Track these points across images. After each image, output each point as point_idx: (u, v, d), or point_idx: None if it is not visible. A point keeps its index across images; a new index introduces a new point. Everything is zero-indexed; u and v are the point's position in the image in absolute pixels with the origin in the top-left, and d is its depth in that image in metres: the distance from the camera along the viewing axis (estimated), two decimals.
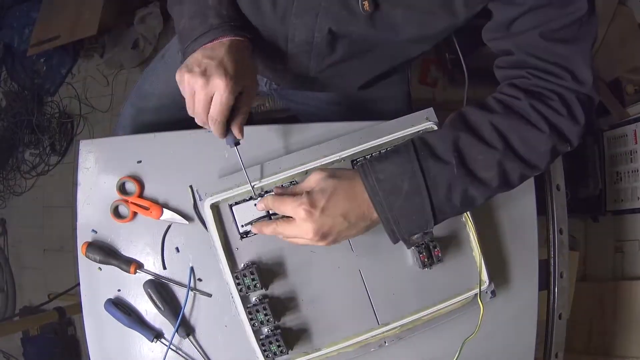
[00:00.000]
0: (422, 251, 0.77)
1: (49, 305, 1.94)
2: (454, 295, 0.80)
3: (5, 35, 2.29)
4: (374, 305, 0.80)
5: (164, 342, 0.80)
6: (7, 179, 2.22)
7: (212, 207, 0.76)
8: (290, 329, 0.78)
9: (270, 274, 0.78)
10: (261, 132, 0.84)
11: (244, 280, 0.75)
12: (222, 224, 0.78)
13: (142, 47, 2.07)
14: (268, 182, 0.77)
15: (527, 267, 0.87)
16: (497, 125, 0.63)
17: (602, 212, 1.62)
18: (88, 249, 0.80)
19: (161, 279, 0.80)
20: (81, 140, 0.85)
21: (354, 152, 0.78)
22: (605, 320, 1.50)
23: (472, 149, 0.63)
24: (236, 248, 0.78)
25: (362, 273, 0.80)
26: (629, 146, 1.54)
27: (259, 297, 0.77)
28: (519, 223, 0.87)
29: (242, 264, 0.78)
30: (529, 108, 0.63)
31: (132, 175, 0.82)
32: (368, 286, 0.80)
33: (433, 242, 0.78)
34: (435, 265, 0.78)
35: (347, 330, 0.79)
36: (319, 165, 0.78)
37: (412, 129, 0.80)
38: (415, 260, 0.79)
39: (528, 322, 0.86)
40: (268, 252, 0.79)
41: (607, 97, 1.64)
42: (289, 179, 0.78)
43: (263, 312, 0.74)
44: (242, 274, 0.75)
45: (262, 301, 0.75)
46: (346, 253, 0.80)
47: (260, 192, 0.77)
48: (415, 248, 0.78)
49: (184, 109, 0.69)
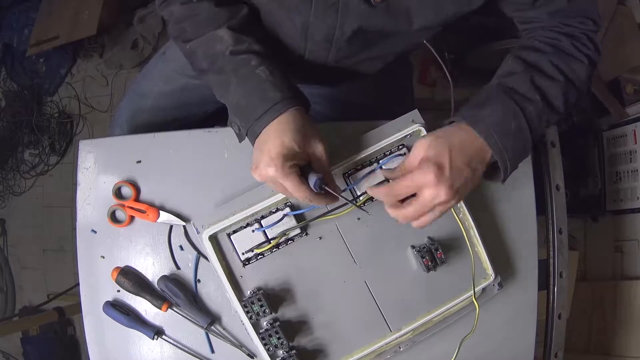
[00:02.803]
0: (425, 255, 0.77)
1: (48, 306, 1.95)
2: (461, 292, 0.80)
3: (4, 36, 2.29)
4: (384, 314, 0.80)
5: (165, 339, 0.80)
6: (7, 179, 2.22)
7: (210, 238, 0.76)
8: (305, 348, 0.78)
9: (278, 297, 0.78)
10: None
11: (253, 307, 0.74)
12: (223, 254, 0.78)
13: (141, 47, 2.07)
14: (263, 207, 0.76)
15: (527, 266, 0.87)
16: (553, 61, 0.75)
17: (602, 212, 1.62)
18: (120, 274, 0.79)
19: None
20: (80, 140, 0.85)
21: (345, 165, 0.78)
22: (604, 320, 1.50)
23: (542, 82, 0.73)
24: (240, 276, 0.78)
25: (368, 284, 0.80)
26: (628, 146, 1.54)
27: (269, 321, 0.77)
28: (518, 223, 0.87)
29: (249, 291, 0.77)
30: (571, 46, 0.77)
31: (127, 179, 0.82)
32: (376, 296, 0.80)
33: (435, 245, 0.78)
34: (440, 267, 0.78)
35: (361, 341, 0.79)
36: None
37: (399, 134, 0.79)
38: (419, 265, 0.79)
39: (528, 322, 0.86)
40: (273, 276, 0.78)
41: (606, 97, 1.65)
42: (283, 201, 0.77)
43: (276, 336, 0.74)
44: (249, 301, 0.75)
45: (273, 325, 0.75)
46: (350, 266, 0.80)
47: (257, 218, 0.77)
48: (417, 253, 0.78)
49: (182, 107, 0.69)
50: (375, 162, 0.79)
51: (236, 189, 0.80)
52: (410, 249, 0.80)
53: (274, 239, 0.76)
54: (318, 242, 0.79)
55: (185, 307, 0.79)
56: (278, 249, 0.78)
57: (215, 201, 0.81)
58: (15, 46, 2.26)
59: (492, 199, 0.86)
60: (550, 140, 0.94)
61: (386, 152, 0.80)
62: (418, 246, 0.79)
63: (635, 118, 1.54)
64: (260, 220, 0.77)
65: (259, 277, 0.78)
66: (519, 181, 0.87)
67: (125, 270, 0.80)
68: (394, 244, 0.80)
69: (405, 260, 0.81)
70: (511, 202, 0.87)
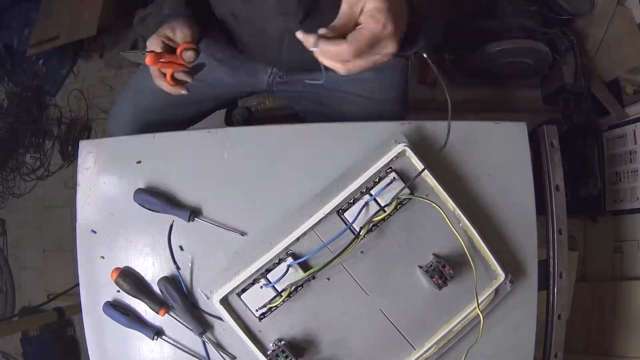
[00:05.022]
0: (434, 275, 0.77)
1: (48, 306, 1.94)
2: (478, 295, 0.80)
3: (4, 36, 2.29)
4: (405, 335, 0.80)
5: (165, 340, 0.80)
6: (7, 180, 2.22)
7: (221, 302, 0.77)
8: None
9: (301, 344, 0.79)
10: (259, 134, 0.84)
11: (278, 359, 0.75)
12: (237, 314, 0.78)
13: (141, 47, 2.07)
14: (265, 261, 0.77)
15: (527, 267, 0.87)
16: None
17: (602, 213, 1.62)
18: (119, 276, 0.79)
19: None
20: (80, 140, 0.85)
21: (337, 203, 0.78)
22: (604, 321, 1.50)
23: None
24: (259, 331, 0.79)
25: (383, 311, 0.80)
26: (628, 146, 1.54)
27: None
28: (518, 223, 0.87)
29: (271, 344, 0.78)
30: None
31: None
32: (394, 320, 0.81)
33: (441, 262, 0.78)
34: (450, 281, 0.78)
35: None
36: (308, 228, 0.78)
37: (384, 159, 0.79)
38: (430, 284, 0.79)
39: (527, 322, 0.86)
40: (291, 324, 0.79)
41: (606, 97, 1.65)
42: (284, 251, 0.78)
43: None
44: (274, 354, 0.76)
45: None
46: (362, 298, 0.80)
47: (262, 272, 0.78)
48: (425, 273, 0.78)
49: (181, 107, 0.69)
50: (367, 193, 0.79)
51: (236, 189, 0.80)
52: (418, 269, 0.80)
53: (284, 291, 0.77)
54: (327, 284, 0.80)
55: (181, 312, 0.79)
56: (290, 297, 0.78)
57: (215, 201, 0.81)
58: (16, 47, 2.26)
59: (492, 199, 0.86)
60: (550, 141, 0.94)
61: (375, 179, 0.80)
62: (425, 266, 0.79)
63: (635, 118, 1.54)
64: (266, 274, 0.77)
65: (277, 328, 0.79)
66: (518, 181, 0.87)
67: (125, 272, 0.80)
68: (401, 268, 0.81)
69: (415, 281, 0.81)
70: (511, 203, 0.87)
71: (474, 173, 0.84)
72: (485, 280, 0.81)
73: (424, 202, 0.80)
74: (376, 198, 0.78)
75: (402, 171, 0.81)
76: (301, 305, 0.79)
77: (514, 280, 0.83)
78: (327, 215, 0.79)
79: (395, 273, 0.81)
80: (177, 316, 0.79)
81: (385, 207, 0.78)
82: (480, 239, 0.80)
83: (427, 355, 0.80)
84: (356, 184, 0.78)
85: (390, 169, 0.80)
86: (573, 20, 1.68)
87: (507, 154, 0.87)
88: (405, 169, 0.81)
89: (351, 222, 0.78)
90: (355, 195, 0.79)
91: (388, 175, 0.80)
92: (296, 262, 0.77)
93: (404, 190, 0.79)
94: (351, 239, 0.77)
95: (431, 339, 0.80)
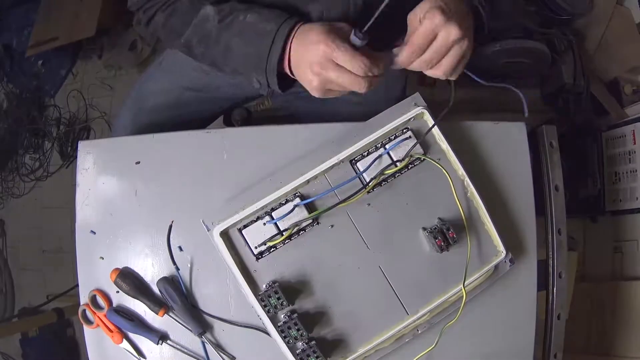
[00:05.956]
0: (437, 236, 0.77)
1: (47, 307, 1.94)
2: (475, 271, 0.80)
3: (4, 37, 2.29)
4: (400, 297, 0.79)
5: (170, 344, 0.80)
6: (6, 181, 2.22)
7: (221, 234, 0.76)
8: (324, 338, 0.78)
9: (294, 289, 0.78)
10: (258, 134, 0.84)
11: (269, 300, 0.74)
12: (235, 249, 0.77)
13: (139, 48, 2.07)
14: (272, 199, 0.76)
15: (526, 267, 0.87)
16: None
17: (601, 213, 1.62)
18: (119, 277, 0.79)
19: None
20: (80, 141, 0.85)
21: (351, 152, 0.78)
22: (604, 321, 1.50)
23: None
24: (254, 270, 0.78)
25: (382, 269, 0.80)
26: (627, 146, 1.54)
27: (287, 313, 0.76)
28: (517, 223, 0.87)
29: (264, 285, 0.77)
30: None
31: (99, 289, 0.81)
32: (391, 280, 0.80)
33: (446, 225, 0.78)
34: (452, 246, 0.78)
35: (380, 327, 0.79)
36: (319, 172, 0.77)
37: (403, 118, 0.80)
38: (432, 246, 0.79)
39: (527, 323, 0.86)
40: (287, 267, 0.78)
41: (605, 97, 1.65)
42: (292, 192, 0.77)
43: (295, 328, 0.74)
44: (266, 295, 0.74)
45: (291, 317, 0.74)
46: (363, 252, 0.80)
47: (267, 210, 0.77)
48: (429, 234, 0.78)
49: (180, 116, 0.68)
50: (382, 147, 0.80)
51: (235, 189, 0.80)
52: (422, 230, 0.80)
53: (286, 231, 0.76)
54: (330, 231, 0.79)
55: (180, 312, 0.78)
56: (290, 240, 0.78)
57: (214, 201, 0.81)
58: (15, 47, 2.26)
59: (492, 199, 0.86)
60: (549, 141, 0.94)
61: (391, 136, 0.80)
62: (429, 227, 0.79)
63: (634, 118, 1.54)
64: (271, 212, 0.77)
65: (273, 270, 0.78)
66: (518, 181, 0.87)
67: (124, 273, 0.80)
68: (405, 227, 0.80)
69: (417, 243, 0.81)
70: (510, 203, 0.87)
71: (474, 173, 0.84)
72: (485, 256, 0.81)
73: (436, 167, 0.80)
74: (389, 152, 0.79)
75: (419, 132, 0.81)
76: (301, 251, 0.78)
77: (514, 260, 0.82)
78: (340, 163, 0.78)
79: (399, 230, 0.80)
80: (177, 317, 0.79)
81: (397, 161, 0.79)
82: (485, 211, 0.80)
83: (419, 322, 0.79)
84: (372, 136, 0.78)
85: (407, 129, 0.81)
86: (572, 20, 1.68)
87: (507, 154, 0.87)
88: (422, 131, 0.81)
89: (362, 171, 0.78)
90: (370, 148, 0.80)
91: (404, 134, 0.80)
92: (303, 203, 0.77)
93: (417, 149, 0.80)
94: (359, 187, 0.77)
95: (425, 306, 0.79)
